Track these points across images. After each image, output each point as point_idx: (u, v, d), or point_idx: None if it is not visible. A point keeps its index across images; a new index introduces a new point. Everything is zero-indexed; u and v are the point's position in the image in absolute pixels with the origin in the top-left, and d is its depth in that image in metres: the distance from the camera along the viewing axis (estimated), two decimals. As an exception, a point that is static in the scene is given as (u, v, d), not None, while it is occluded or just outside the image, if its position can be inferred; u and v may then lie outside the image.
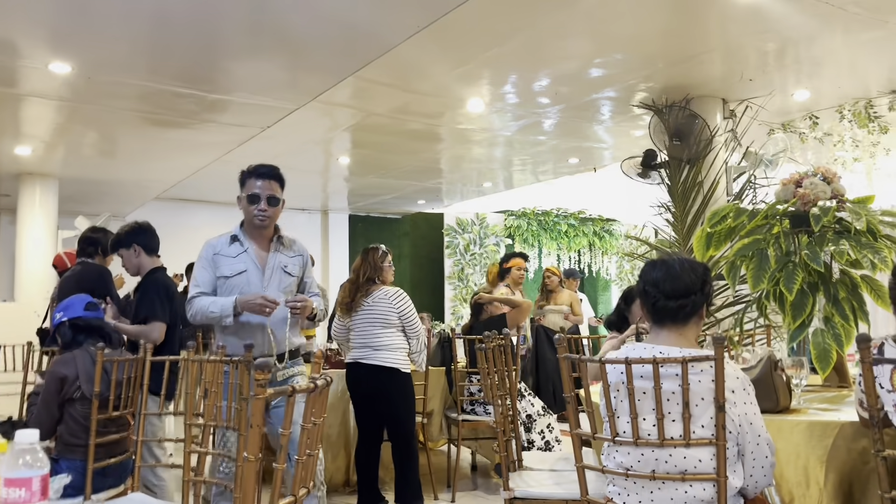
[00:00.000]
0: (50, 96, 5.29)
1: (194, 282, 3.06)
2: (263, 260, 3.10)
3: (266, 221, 3.07)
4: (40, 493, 1.06)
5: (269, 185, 3.09)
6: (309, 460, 1.51)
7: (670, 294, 2.03)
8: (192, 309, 3.02)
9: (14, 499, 1.04)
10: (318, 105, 5.73)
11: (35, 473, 1.06)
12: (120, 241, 3.86)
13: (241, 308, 2.94)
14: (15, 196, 8.04)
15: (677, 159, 5.59)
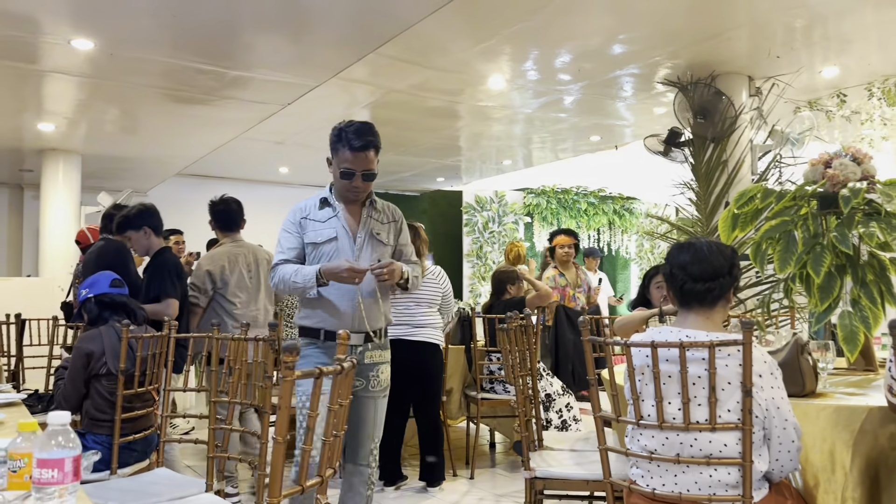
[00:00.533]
0: (72, 72, 5.31)
1: (279, 247, 2.76)
2: (354, 227, 2.78)
3: (360, 196, 2.77)
4: (73, 473, 1.07)
5: (366, 158, 2.69)
6: (335, 441, 1.52)
7: (697, 277, 2.01)
8: (274, 277, 2.73)
9: (47, 479, 1.05)
10: (338, 82, 5.70)
11: (67, 454, 1.07)
12: (129, 223, 3.91)
13: (326, 277, 2.62)
14: (38, 172, 8.12)
15: (701, 137, 5.51)
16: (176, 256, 4.10)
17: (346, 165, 2.67)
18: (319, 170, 10.01)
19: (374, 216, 2.82)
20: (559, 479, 2.77)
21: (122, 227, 3.98)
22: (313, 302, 2.71)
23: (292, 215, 2.79)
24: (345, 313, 2.71)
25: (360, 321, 2.71)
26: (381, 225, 2.82)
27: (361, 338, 2.71)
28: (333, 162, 2.75)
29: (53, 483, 1.05)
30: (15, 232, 9.85)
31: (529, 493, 2.81)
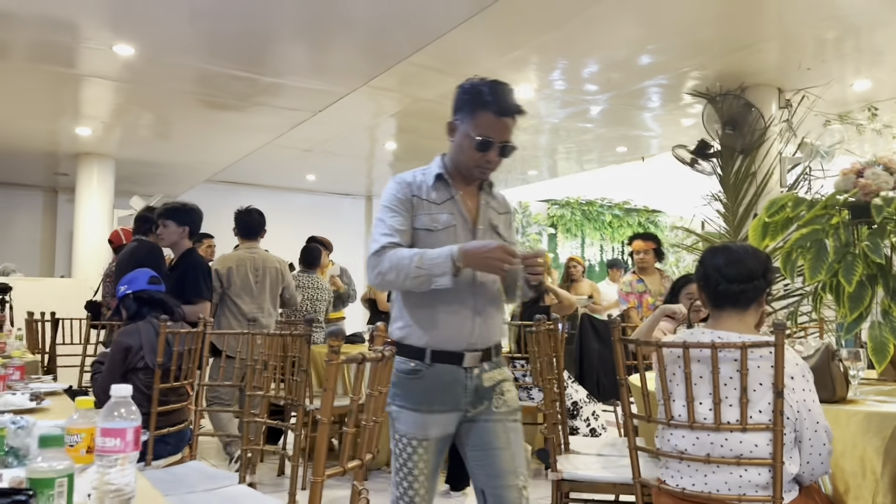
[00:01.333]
0: (111, 77, 5.45)
1: (381, 228, 2.06)
2: (474, 214, 2.15)
3: (487, 175, 2.16)
4: (133, 444, 1.13)
5: (508, 126, 2.11)
6: (375, 427, 1.56)
7: (732, 278, 2.04)
8: (380, 265, 1.98)
9: (110, 447, 1.11)
10: (367, 90, 5.78)
11: (129, 425, 1.12)
12: (177, 214, 3.99)
13: (466, 261, 1.93)
14: (73, 175, 8.30)
15: (730, 149, 5.51)
16: (204, 258, 4.21)
17: (485, 133, 2.05)
18: (345, 177, 10.13)
19: (491, 204, 2.21)
20: (586, 482, 2.78)
21: (166, 215, 4.05)
22: (419, 309, 2.04)
23: (398, 189, 2.11)
24: (460, 324, 2.04)
25: (478, 334, 2.06)
26: (497, 215, 2.21)
27: (478, 357, 2.06)
28: (460, 129, 2.12)
29: (116, 451, 1.10)
30: (49, 234, 10.06)
31: (556, 496, 2.82)
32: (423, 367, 2.00)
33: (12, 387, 2.49)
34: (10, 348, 4.03)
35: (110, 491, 1.11)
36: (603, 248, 12.71)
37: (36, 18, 4.39)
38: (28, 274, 8.51)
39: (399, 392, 2.01)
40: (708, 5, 4.37)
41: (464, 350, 2.01)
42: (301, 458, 3.00)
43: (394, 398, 2.01)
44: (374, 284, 2.01)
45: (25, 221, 9.93)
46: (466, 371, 2.04)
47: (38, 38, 4.69)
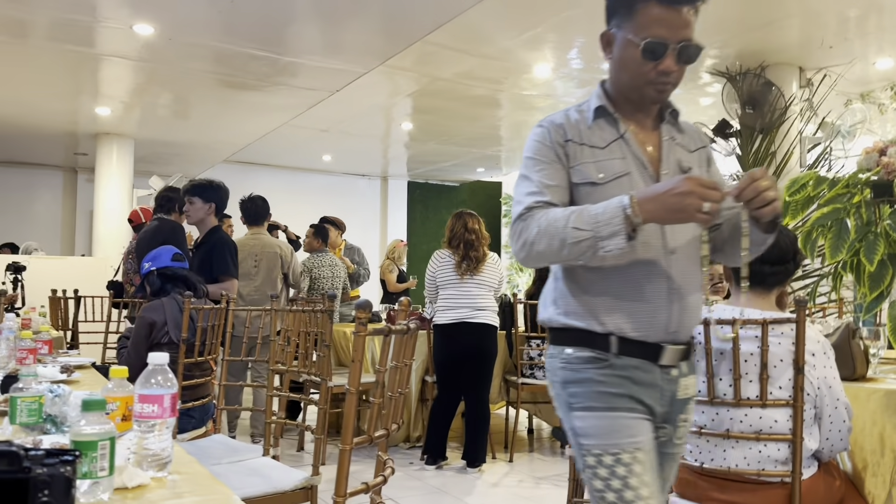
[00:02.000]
0: (131, 57, 5.48)
1: (526, 187, 1.51)
2: (654, 156, 1.57)
3: (666, 94, 1.56)
4: (170, 409, 1.16)
5: (686, 19, 1.50)
6: (399, 398, 1.59)
7: (767, 259, 2.01)
8: (525, 233, 1.44)
9: (148, 413, 1.14)
10: (384, 69, 5.78)
11: (166, 392, 1.16)
12: (204, 191, 4.02)
13: (645, 213, 1.37)
14: (93, 155, 8.37)
15: (750, 128, 5.47)
16: (228, 235, 4.26)
17: (654, 33, 1.47)
18: (361, 157, 10.15)
19: (678, 139, 1.62)
20: (604, 458, 2.80)
21: (193, 192, 4.08)
22: (589, 291, 1.49)
23: (546, 135, 1.55)
24: (653, 309, 1.48)
25: (678, 321, 1.49)
26: (688, 154, 1.62)
27: (679, 353, 1.51)
28: (618, 37, 1.55)
29: (153, 417, 1.14)
30: (69, 214, 10.17)
31: (573, 471, 2.85)
32: (609, 357, 1.45)
33: (42, 360, 2.55)
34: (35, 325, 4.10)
35: (148, 455, 1.14)
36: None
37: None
38: (49, 253, 8.63)
39: (579, 391, 1.43)
40: (729, -18, 4.33)
41: (662, 342, 1.46)
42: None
43: (570, 404, 1.44)
44: (521, 259, 1.44)
45: (46, 201, 10.04)
46: (662, 370, 1.48)
47: (57, 18, 4.72)
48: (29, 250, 7.90)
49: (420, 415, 4.94)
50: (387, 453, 1.64)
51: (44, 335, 2.79)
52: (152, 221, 4.82)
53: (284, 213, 9.69)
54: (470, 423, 4.42)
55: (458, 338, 4.33)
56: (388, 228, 11.69)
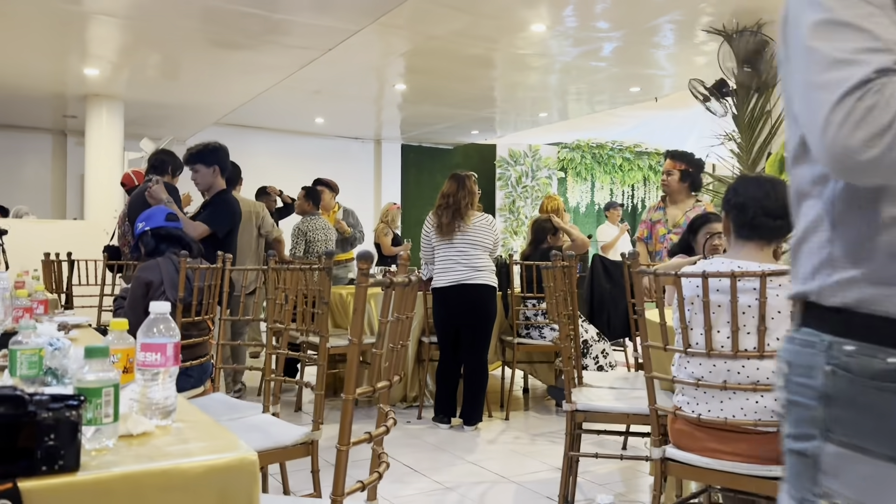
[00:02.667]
0: (118, 15, 5.37)
1: (854, 40, 0.85)
2: None
3: None
4: (173, 358, 1.16)
5: None
6: (401, 350, 1.60)
7: (771, 212, 2.01)
8: (875, 113, 0.80)
9: (151, 362, 1.14)
10: (377, 28, 5.69)
11: (168, 340, 1.16)
12: (203, 157, 3.98)
13: None
14: (82, 118, 8.25)
15: (746, 87, 5.43)
16: (236, 199, 4.24)
17: None
18: (354, 120, 10.05)
19: None
20: (599, 412, 2.84)
21: (193, 160, 4.04)
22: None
23: None
24: None
25: None
26: None
27: None
28: None
29: (156, 366, 1.14)
30: (59, 177, 10.07)
31: (570, 426, 2.89)
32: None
33: (38, 319, 2.53)
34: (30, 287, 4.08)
35: (152, 403, 1.14)
36: (612, 192, 12.65)
37: (41, -47, 4.31)
38: (40, 217, 8.56)
39: (859, 421, 0.92)
40: (728, -64, 4.25)
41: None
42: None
43: (829, 429, 0.94)
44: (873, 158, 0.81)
45: (35, 164, 9.93)
46: None
47: (43, -25, 4.62)
48: (20, 214, 7.84)
49: (416, 375, 4.97)
50: (388, 405, 1.65)
51: (39, 295, 2.77)
52: (144, 183, 4.78)
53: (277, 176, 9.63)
54: (467, 383, 4.47)
55: (456, 300, 4.35)
56: (381, 192, 11.63)
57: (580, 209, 12.49)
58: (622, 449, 3.86)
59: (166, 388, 1.15)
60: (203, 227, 3.79)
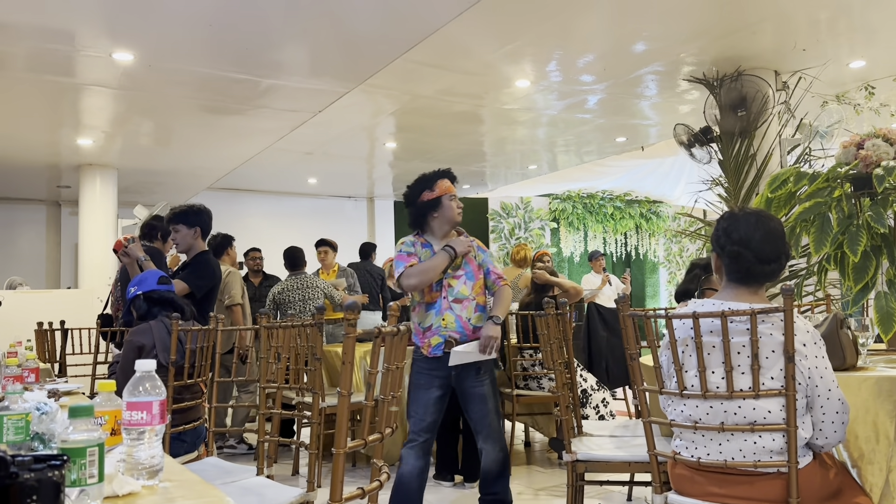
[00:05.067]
0: (111, 85, 5.48)
1: None
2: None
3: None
4: (159, 416, 1.15)
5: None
6: (392, 401, 1.58)
7: (766, 258, 1.98)
8: None
9: (137, 420, 1.13)
10: (366, 88, 5.81)
11: (154, 398, 1.15)
12: (185, 217, 4.00)
13: None
14: (76, 188, 8.33)
15: (729, 133, 5.53)
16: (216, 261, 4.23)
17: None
18: (346, 179, 10.16)
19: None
20: (601, 462, 2.80)
21: (175, 220, 4.06)
22: None
23: None
24: None
25: None
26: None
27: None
28: None
29: (142, 424, 1.13)
30: (53, 247, 10.09)
31: (571, 477, 2.84)
32: None
33: (29, 388, 2.51)
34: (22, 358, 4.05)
35: (139, 463, 1.13)
36: (605, 241, 12.72)
37: (34, 28, 4.42)
38: (34, 287, 8.54)
39: None
40: (701, -11, 4.39)
41: None
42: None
43: None
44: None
45: (30, 235, 9.97)
46: None
47: (36, 48, 4.72)
48: (14, 285, 7.81)
49: (415, 431, 4.90)
50: (381, 460, 1.63)
51: (30, 364, 2.75)
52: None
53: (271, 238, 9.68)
54: (467, 437, 4.39)
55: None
56: (376, 250, 11.65)
57: (574, 259, 12.53)
58: (628, 500, 3.78)
59: (152, 447, 1.14)
60: (182, 286, 3.79)
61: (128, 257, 3.87)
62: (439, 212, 3.34)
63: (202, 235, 4.11)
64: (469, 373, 3.24)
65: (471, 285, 3.32)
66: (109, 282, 6.84)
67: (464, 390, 3.26)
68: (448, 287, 3.27)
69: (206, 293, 3.99)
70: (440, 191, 3.35)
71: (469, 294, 3.30)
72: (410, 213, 3.43)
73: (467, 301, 3.29)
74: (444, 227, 3.37)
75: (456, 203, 3.36)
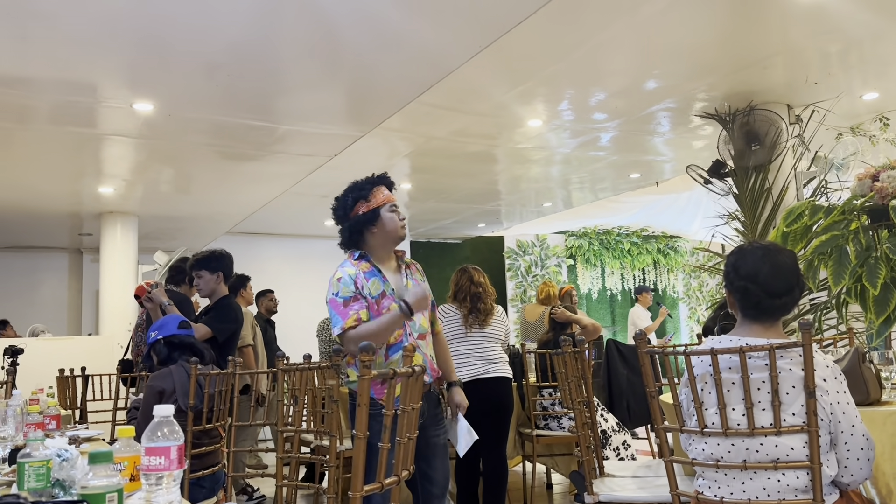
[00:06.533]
0: (132, 135, 5.60)
1: None
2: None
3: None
4: (177, 461, 1.15)
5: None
6: (409, 443, 1.58)
7: (774, 292, 1.98)
8: None
9: (155, 466, 1.14)
10: (380, 132, 5.89)
11: (172, 443, 1.16)
12: (207, 263, 4.07)
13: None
14: (97, 235, 8.46)
15: (743, 168, 5.53)
16: (239, 305, 4.29)
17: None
18: (363, 221, 10.23)
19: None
20: (623, 503, 2.75)
21: (198, 266, 4.13)
22: None
23: None
24: None
25: None
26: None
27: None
28: None
29: (160, 469, 1.13)
30: (75, 294, 10.22)
31: (593, 519, 2.79)
32: None
33: (50, 435, 2.52)
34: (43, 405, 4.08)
35: (157, 509, 1.13)
36: (623, 277, 12.65)
37: (57, 82, 4.55)
38: (56, 334, 8.63)
39: None
40: (709, 26, 4.44)
41: None
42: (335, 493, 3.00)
43: None
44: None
45: (52, 283, 10.11)
46: None
47: (59, 101, 4.85)
48: (36, 332, 7.90)
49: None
50: (398, 501, 1.62)
51: (51, 411, 2.77)
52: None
53: (289, 280, 9.75)
54: (487, 481, 4.31)
55: (473, 395, 4.25)
56: (393, 290, 11.67)
57: (592, 295, 12.47)
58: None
59: (171, 493, 1.14)
60: (205, 330, 3.83)
61: (151, 302, 3.92)
62: (378, 227, 2.81)
63: (224, 280, 4.17)
64: (432, 421, 2.69)
65: (427, 315, 2.83)
66: (130, 328, 6.90)
67: (427, 440, 2.64)
68: (409, 322, 2.69)
69: (228, 337, 4.03)
70: (377, 201, 2.83)
71: (428, 327, 2.81)
72: (342, 231, 2.93)
73: (428, 335, 2.79)
74: (386, 245, 2.84)
75: (398, 215, 2.85)
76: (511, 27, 4.07)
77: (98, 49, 4.12)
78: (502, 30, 4.11)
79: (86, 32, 3.90)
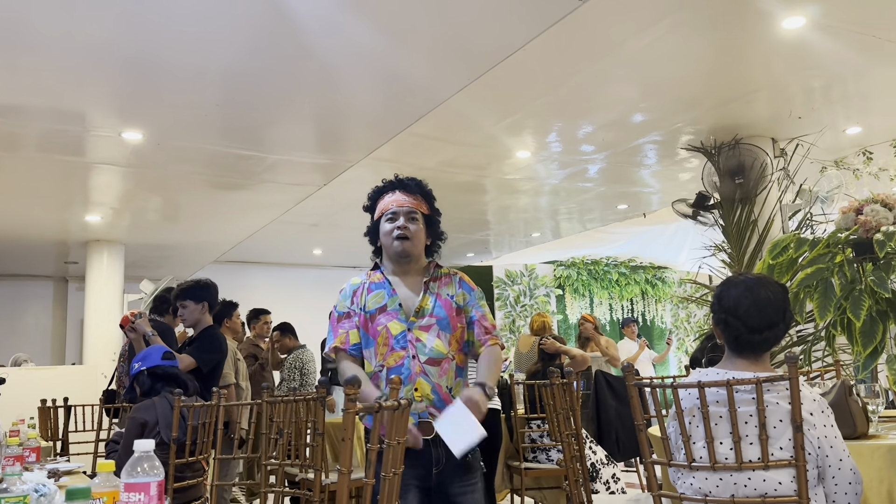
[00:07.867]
0: (120, 163, 5.60)
1: None
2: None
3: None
4: (157, 498, 1.13)
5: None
6: (394, 478, 1.55)
7: (755, 328, 1.99)
8: None
9: (134, 502, 1.11)
10: (370, 162, 5.92)
11: (153, 479, 1.13)
12: (192, 293, 4.03)
13: None
14: (83, 263, 8.40)
15: (729, 200, 5.58)
16: (223, 336, 4.23)
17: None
18: (352, 249, 10.22)
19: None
20: (612, 538, 2.72)
21: (183, 296, 4.09)
22: None
23: None
24: None
25: None
26: None
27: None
28: None
29: (140, 507, 1.11)
30: (59, 323, 10.11)
31: (582, 554, 2.76)
32: None
33: (29, 468, 2.48)
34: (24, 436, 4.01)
35: (135, 548, 1.11)
36: (612, 307, 12.67)
37: (46, 110, 4.55)
38: (39, 363, 8.51)
39: None
40: (695, 61, 4.51)
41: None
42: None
43: None
44: None
45: (36, 311, 10.00)
46: None
47: (48, 129, 4.85)
48: (18, 362, 7.79)
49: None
50: (384, 539, 1.59)
51: (31, 443, 2.72)
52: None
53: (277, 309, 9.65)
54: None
55: None
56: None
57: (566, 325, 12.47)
58: (641, 577, 3.65)
59: (150, 531, 1.12)
60: (189, 360, 3.78)
61: (135, 332, 3.88)
62: (381, 239, 2.51)
63: (209, 309, 4.14)
64: (455, 472, 2.13)
65: (447, 338, 2.29)
66: (114, 357, 6.82)
67: (449, 498, 2.12)
68: (416, 342, 2.25)
69: (212, 368, 3.98)
70: (378, 211, 2.52)
71: (446, 351, 2.27)
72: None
73: (446, 362, 2.25)
74: (391, 258, 2.52)
75: (397, 225, 2.43)
76: (500, 60, 4.12)
77: (87, 78, 4.13)
78: (491, 63, 4.16)
79: (75, 61, 3.92)
